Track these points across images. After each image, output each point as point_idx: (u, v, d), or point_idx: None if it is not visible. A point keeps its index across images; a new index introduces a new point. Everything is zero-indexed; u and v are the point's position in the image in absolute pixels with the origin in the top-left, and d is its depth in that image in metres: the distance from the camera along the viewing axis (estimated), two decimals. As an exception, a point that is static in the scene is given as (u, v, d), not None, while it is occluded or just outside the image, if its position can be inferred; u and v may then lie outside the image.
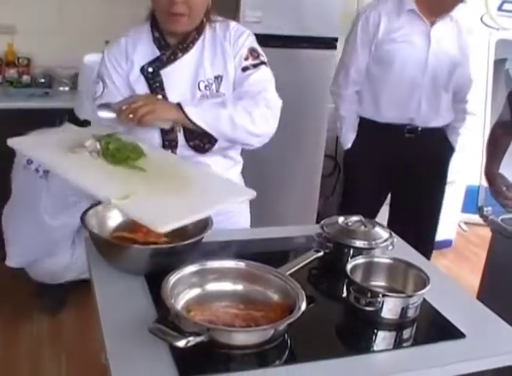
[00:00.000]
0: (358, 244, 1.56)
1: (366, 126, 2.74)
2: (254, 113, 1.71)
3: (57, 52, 3.65)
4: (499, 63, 2.57)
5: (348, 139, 2.79)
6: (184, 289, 1.30)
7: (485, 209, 2.15)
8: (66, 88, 3.56)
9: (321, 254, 1.55)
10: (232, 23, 1.83)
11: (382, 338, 1.34)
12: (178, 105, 1.66)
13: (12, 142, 1.56)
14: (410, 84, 2.60)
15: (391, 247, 1.60)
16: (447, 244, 4.07)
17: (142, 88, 1.77)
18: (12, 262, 2.83)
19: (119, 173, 1.48)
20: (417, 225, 2.83)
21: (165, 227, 1.24)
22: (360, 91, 2.74)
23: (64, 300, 3.05)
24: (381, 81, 2.66)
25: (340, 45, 3.51)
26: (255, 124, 1.71)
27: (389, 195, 2.94)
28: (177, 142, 1.79)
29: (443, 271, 1.75)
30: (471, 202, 3.67)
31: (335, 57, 3.54)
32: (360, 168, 2.82)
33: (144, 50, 1.79)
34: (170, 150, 1.79)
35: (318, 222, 1.68)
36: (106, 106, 1.68)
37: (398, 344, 1.31)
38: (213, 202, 1.41)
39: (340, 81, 2.77)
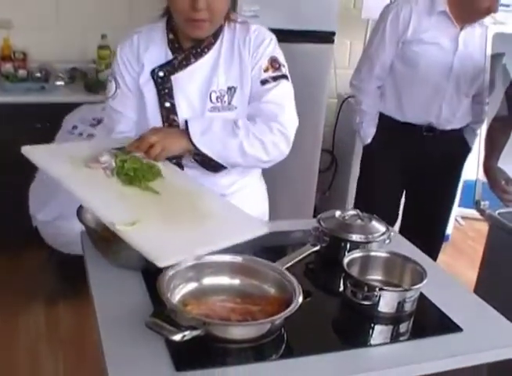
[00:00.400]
0: (355, 237, 1.56)
1: (386, 123, 2.71)
2: (267, 140, 1.62)
3: (53, 47, 3.63)
4: (496, 58, 2.56)
5: (369, 134, 2.76)
6: (180, 283, 1.29)
7: (482, 203, 2.15)
8: (63, 83, 3.53)
9: (317, 248, 1.55)
10: (253, 27, 1.69)
11: (379, 332, 1.34)
12: (187, 133, 1.58)
13: (25, 150, 1.52)
14: (433, 88, 2.57)
15: (388, 241, 1.60)
16: (444, 238, 4.07)
17: (150, 92, 1.68)
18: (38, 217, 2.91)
19: (130, 195, 1.42)
20: (430, 223, 2.87)
21: (164, 262, 1.21)
22: (382, 86, 2.70)
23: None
24: (405, 81, 2.62)
25: (337, 39, 3.51)
26: (267, 152, 1.63)
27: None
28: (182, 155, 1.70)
29: (441, 265, 1.75)
30: (468, 197, 3.67)
31: (332, 51, 3.55)
32: (378, 163, 2.79)
33: (156, 52, 1.69)
34: (175, 160, 1.70)
35: (315, 216, 1.68)
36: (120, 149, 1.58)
37: (395, 338, 1.32)
38: (220, 239, 1.33)
39: (363, 75, 2.71)
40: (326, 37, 3.47)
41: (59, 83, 3.51)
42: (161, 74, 1.66)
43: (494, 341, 1.32)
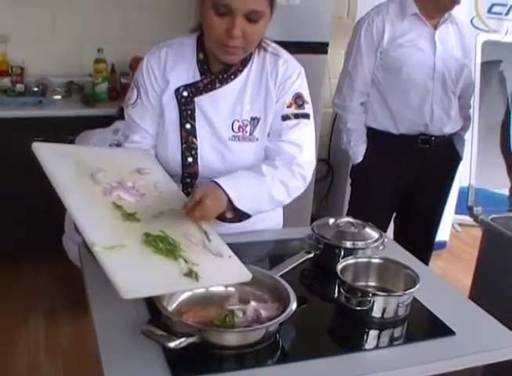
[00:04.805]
0: (349, 244, 1.58)
1: (380, 138, 2.70)
2: (291, 185, 1.62)
3: (50, 61, 3.67)
4: (492, 65, 2.59)
5: (359, 153, 2.74)
6: (176, 292, 1.31)
7: (475, 209, 2.17)
8: (60, 97, 3.57)
9: (311, 255, 1.57)
10: (282, 59, 1.66)
11: (373, 337, 1.35)
12: (226, 195, 1.48)
13: (35, 146, 1.44)
14: (420, 90, 2.59)
15: (381, 248, 1.62)
16: (441, 245, 4.09)
17: (172, 111, 1.66)
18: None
19: (121, 220, 1.35)
20: (422, 231, 2.88)
21: (128, 294, 1.12)
22: (369, 102, 2.69)
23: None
24: (391, 89, 2.62)
25: (330, 49, 3.55)
26: (290, 196, 1.64)
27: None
28: (197, 175, 1.68)
29: (438, 272, 1.77)
30: (464, 203, 3.70)
31: (326, 61, 3.58)
32: (372, 181, 2.76)
33: (184, 70, 1.65)
34: (189, 180, 1.68)
35: (312, 225, 1.69)
36: None
37: (389, 342, 1.33)
38: (197, 282, 1.26)
39: (344, 92, 2.70)
40: (320, 48, 3.51)
41: (56, 97, 3.56)
42: (185, 93, 1.64)
43: (487, 343, 1.33)
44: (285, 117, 1.65)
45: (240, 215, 1.55)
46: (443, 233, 4.08)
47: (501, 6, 4.15)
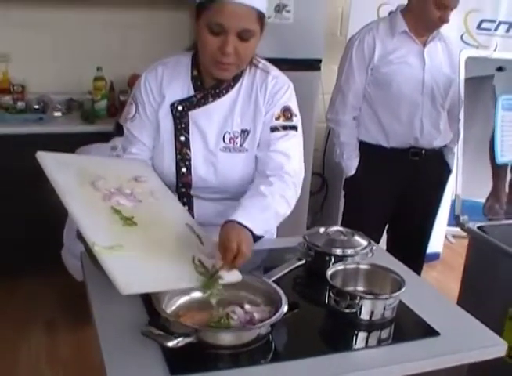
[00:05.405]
0: (339, 251, 1.64)
1: (372, 151, 2.78)
2: (288, 196, 1.67)
3: (51, 79, 3.75)
4: (486, 80, 2.66)
5: (352, 166, 2.81)
6: (174, 296, 1.39)
7: (462, 217, 2.24)
8: (60, 114, 3.63)
9: (303, 262, 1.64)
10: (271, 75, 1.75)
11: (362, 338, 1.42)
12: (249, 230, 1.50)
13: (39, 155, 1.53)
14: (410, 104, 2.67)
15: (370, 255, 1.69)
16: (435, 256, 4.16)
17: (167, 125, 1.74)
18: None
19: (120, 223, 1.44)
20: (413, 242, 2.95)
21: (126, 290, 1.22)
22: (361, 116, 2.77)
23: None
24: (381, 104, 2.71)
25: (324, 66, 3.64)
26: (290, 207, 1.70)
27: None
28: (190, 185, 1.76)
29: (432, 283, 1.83)
30: (456, 215, 3.76)
31: (320, 77, 3.67)
32: (365, 194, 2.83)
33: (179, 86, 1.74)
34: (184, 189, 1.77)
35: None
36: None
37: (377, 342, 1.40)
38: (193, 280, 1.37)
39: (337, 107, 2.79)
40: (313, 65, 3.60)
41: (56, 114, 3.61)
42: (180, 108, 1.72)
43: (470, 343, 1.40)
44: (273, 129, 1.73)
45: (257, 239, 1.60)
46: (437, 245, 4.14)
47: (490, 22, 4.24)
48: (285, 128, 1.74)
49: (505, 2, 4.18)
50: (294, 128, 1.76)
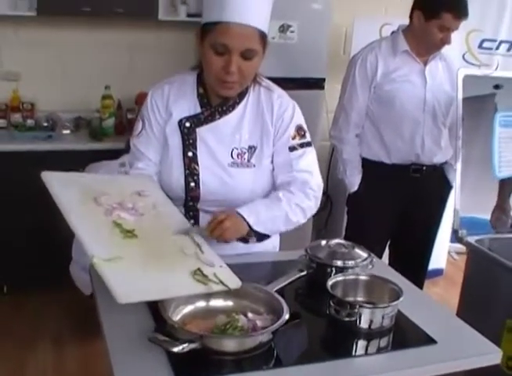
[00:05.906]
0: (340, 263, 1.69)
1: (374, 168, 2.83)
2: (306, 207, 1.79)
3: (59, 97, 3.84)
4: (488, 98, 2.72)
5: (355, 182, 2.87)
6: (179, 305, 1.43)
7: (460, 231, 2.29)
8: (68, 131, 3.70)
9: (304, 273, 1.68)
10: (275, 94, 1.82)
11: (361, 345, 1.46)
12: (245, 221, 1.67)
13: (44, 175, 1.59)
14: (412, 122, 2.73)
15: (370, 267, 1.73)
16: (438, 272, 4.19)
17: (175, 141, 1.80)
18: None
19: (120, 236, 1.50)
20: (415, 257, 3.00)
21: (124, 299, 1.29)
22: (364, 133, 2.83)
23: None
24: (384, 121, 2.77)
25: (327, 84, 3.71)
26: (306, 216, 1.82)
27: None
28: (199, 198, 1.81)
29: (435, 298, 1.86)
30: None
31: (324, 96, 3.73)
32: (367, 210, 2.88)
33: (186, 104, 1.80)
34: (192, 203, 1.82)
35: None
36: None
37: (376, 350, 1.44)
38: (191, 288, 1.43)
39: (340, 124, 2.85)
40: (317, 84, 3.67)
41: (65, 131, 3.69)
42: (188, 124, 1.78)
43: (466, 351, 1.44)
44: (292, 148, 1.81)
45: (261, 236, 1.74)
46: (440, 261, 4.17)
47: (491, 42, 4.32)
48: (302, 145, 1.82)
49: (506, 22, 4.27)
50: (309, 144, 1.85)
